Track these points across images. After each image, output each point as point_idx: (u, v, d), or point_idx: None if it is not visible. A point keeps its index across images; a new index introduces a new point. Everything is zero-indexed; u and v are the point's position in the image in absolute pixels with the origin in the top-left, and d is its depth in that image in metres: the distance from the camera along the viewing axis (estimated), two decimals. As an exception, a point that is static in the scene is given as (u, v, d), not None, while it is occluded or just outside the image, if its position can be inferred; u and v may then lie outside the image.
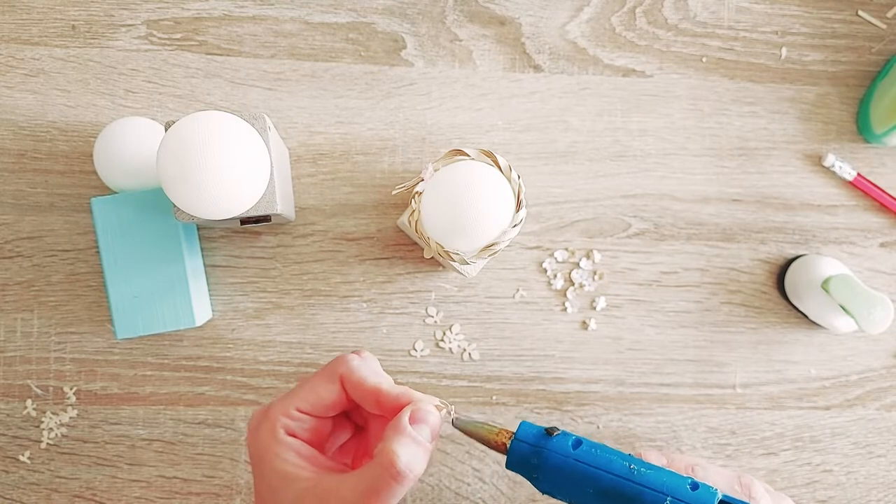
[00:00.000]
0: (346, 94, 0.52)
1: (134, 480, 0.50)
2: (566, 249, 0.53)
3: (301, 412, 0.37)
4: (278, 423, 0.37)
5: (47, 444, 0.50)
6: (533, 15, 0.53)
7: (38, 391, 0.50)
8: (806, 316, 0.54)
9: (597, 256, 0.53)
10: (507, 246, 0.50)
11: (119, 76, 0.50)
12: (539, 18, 0.53)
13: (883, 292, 0.50)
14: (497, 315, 0.53)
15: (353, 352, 0.39)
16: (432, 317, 0.52)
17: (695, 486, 0.35)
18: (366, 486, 0.34)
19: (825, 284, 0.50)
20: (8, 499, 0.49)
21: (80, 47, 0.50)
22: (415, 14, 0.53)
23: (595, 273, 0.53)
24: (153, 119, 0.49)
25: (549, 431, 0.37)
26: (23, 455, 0.50)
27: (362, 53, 0.52)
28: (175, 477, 0.50)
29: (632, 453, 0.40)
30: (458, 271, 0.47)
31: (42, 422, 0.50)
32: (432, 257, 0.45)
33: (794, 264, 0.54)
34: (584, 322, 0.53)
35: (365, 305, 0.52)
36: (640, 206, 0.54)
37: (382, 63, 0.52)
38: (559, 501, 0.38)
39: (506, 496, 0.53)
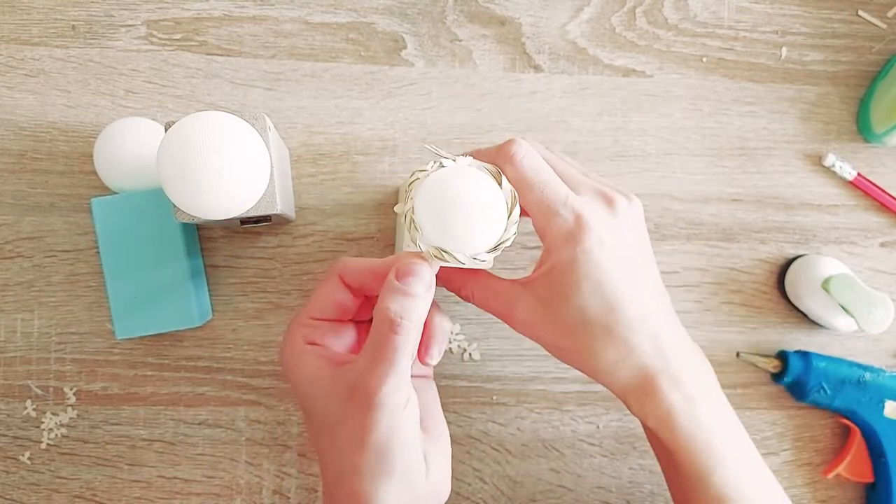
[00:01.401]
0: (346, 94, 0.52)
1: (134, 481, 0.50)
2: (566, 249, 0.53)
3: (315, 319, 0.40)
4: (297, 335, 0.40)
5: (47, 444, 0.50)
6: (533, 15, 0.53)
7: (39, 391, 0.50)
8: (806, 316, 0.54)
9: (597, 256, 0.53)
10: (508, 246, 0.50)
11: (119, 76, 0.50)
12: (539, 18, 0.53)
13: (883, 292, 0.50)
14: (497, 315, 0.53)
15: None
16: (432, 317, 0.52)
17: None
18: (371, 350, 0.36)
19: (825, 284, 0.50)
20: (8, 499, 0.49)
21: (80, 47, 0.50)
22: (415, 14, 0.53)
23: (595, 273, 0.53)
24: (153, 119, 0.49)
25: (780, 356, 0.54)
26: (23, 455, 0.50)
27: (362, 53, 0.52)
28: (175, 477, 0.50)
29: None
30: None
31: (42, 422, 0.50)
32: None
33: (794, 264, 0.54)
34: (584, 322, 0.53)
35: (365, 305, 0.52)
36: (640, 206, 0.54)
37: (382, 63, 0.52)
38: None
39: (506, 496, 0.53)
